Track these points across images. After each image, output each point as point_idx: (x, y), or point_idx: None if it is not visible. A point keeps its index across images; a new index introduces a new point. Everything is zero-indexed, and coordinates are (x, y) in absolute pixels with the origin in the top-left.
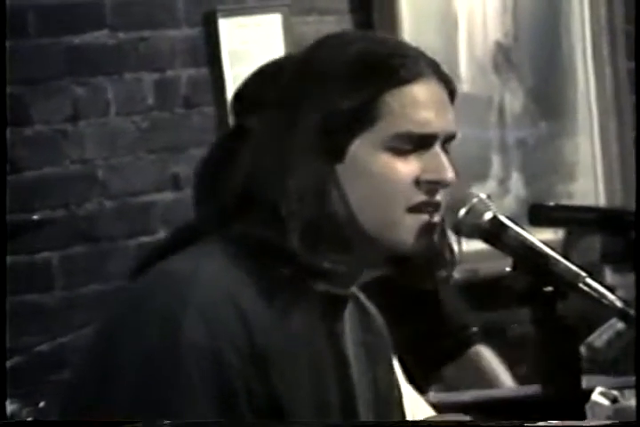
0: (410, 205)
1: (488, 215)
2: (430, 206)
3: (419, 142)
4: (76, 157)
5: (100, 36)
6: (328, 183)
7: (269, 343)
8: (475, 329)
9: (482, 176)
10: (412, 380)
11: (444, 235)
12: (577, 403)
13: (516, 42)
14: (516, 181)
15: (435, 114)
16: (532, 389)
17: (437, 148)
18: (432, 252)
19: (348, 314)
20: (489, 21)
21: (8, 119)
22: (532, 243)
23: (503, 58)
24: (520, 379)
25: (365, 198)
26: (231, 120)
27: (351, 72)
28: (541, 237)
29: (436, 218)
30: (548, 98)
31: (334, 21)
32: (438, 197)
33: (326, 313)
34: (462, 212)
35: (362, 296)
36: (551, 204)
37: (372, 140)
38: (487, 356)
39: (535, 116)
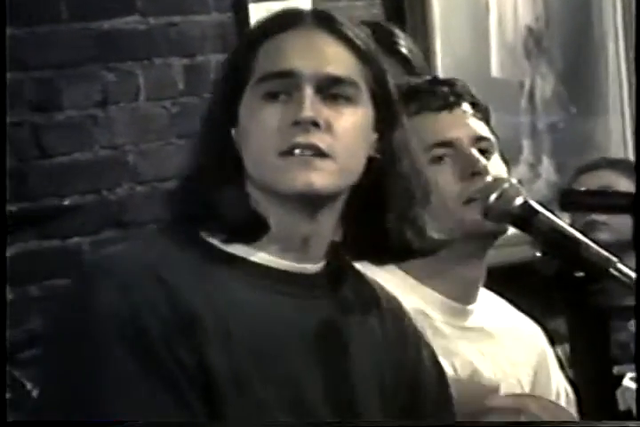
0: (281, 149)
1: (519, 200)
2: (306, 149)
3: (284, 84)
4: (106, 142)
5: (131, 22)
6: (227, 148)
7: (195, 310)
8: None
9: (513, 161)
10: None
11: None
12: (608, 388)
13: (546, 26)
14: (547, 166)
15: (299, 54)
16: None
17: (307, 90)
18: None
19: (339, 302)
20: (520, 6)
21: (39, 105)
22: (563, 228)
23: (534, 43)
24: None
25: (246, 153)
26: None
27: (243, 37)
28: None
29: (319, 163)
30: (579, 82)
31: (364, 6)
32: (313, 140)
33: (279, 287)
34: (493, 197)
35: (377, 289)
36: (582, 188)
37: (249, 93)
38: None
39: (566, 100)
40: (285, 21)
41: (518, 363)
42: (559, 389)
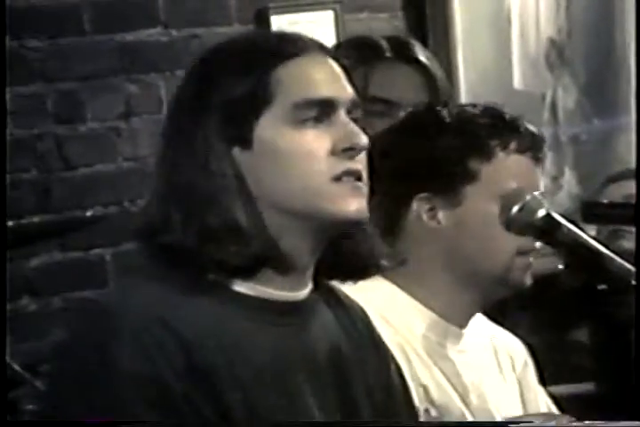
0: (334, 175)
1: (541, 212)
2: (351, 175)
3: (320, 110)
4: (129, 154)
5: (154, 34)
6: (235, 171)
7: (208, 357)
8: None
9: None
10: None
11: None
12: (631, 400)
13: (569, 38)
14: (569, 178)
15: (328, 81)
16: (587, 386)
17: (343, 115)
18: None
19: (322, 318)
20: (542, 18)
21: (62, 117)
22: (586, 240)
23: (556, 54)
24: (575, 377)
25: (284, 178)
26: None
27: (239, 58)
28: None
29: (364, 189)
30: (602, 94)
31: (386, 18)
32: (358, 166)
33: (278, 319)
34: (515, 209)
35: (341, 296)
36: (605, 201)
37: (274, 118)
38: None
39: (588, 112)
40: (293, 46)
41: (507, 380)
42: (539, 403)
